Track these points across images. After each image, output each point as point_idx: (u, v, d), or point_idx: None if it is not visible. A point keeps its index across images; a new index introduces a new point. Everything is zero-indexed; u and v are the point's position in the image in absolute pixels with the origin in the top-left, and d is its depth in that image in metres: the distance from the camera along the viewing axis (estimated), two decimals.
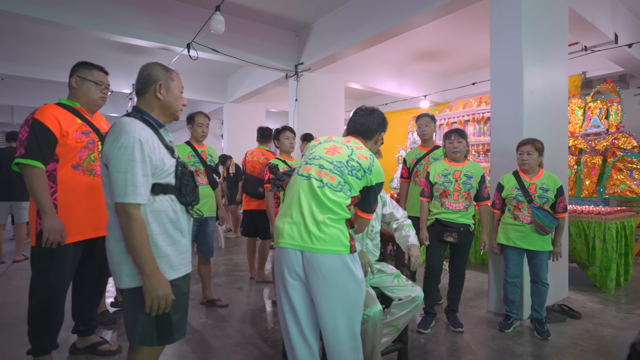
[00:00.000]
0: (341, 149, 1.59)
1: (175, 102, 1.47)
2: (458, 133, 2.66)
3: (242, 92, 7.49)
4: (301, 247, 1.42)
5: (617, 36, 4.41)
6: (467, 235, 2.62)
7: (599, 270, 3.65)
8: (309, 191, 1.49)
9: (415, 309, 1.95)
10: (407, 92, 7.16)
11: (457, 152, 2.63)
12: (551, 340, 2.52)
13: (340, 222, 1.46)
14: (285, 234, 1.46)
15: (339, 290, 1.42)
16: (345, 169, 1.52)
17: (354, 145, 1.63)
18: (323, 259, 1.40)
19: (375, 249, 2.15)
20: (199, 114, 3.06)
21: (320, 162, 1.55)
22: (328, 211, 1.44)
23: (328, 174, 1.51)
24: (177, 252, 1.39)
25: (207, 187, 3.00)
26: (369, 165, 1.55)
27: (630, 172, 4.73)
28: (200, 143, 3.09)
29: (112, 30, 4.13)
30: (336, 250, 1.41)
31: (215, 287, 3.72)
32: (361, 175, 1.54)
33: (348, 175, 1.51)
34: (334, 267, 1.41)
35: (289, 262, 1.45)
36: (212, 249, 3.12)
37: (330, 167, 1.52)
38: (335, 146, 1.61)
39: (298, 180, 1.55)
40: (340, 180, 1.50)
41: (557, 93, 3.27)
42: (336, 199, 1.47)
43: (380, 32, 4.28)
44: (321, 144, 1.65)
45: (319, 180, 1.50)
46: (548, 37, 3.16)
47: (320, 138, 1.72)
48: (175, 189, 1.40)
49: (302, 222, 1.44)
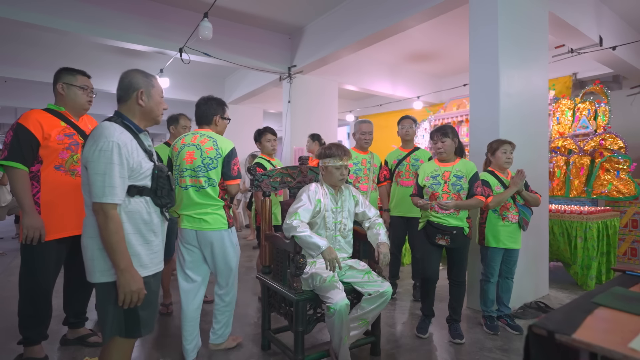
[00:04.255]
0: (194, 153, 2.14)
1: (156, 108, 1.57)
2: (440, 132, 2.52)
3: (240, 93, 7.61)
4: (196, 228, 2.16)
5: (601, 39, 4.47)
6: (461, 239, 2.47)
7: (580, 268, 3.73)
8: (193, 196, 2.14)
9: (384, 304, 2.05)
10: (401, 93, 7.24)
11: (442, 151, 2.52)
12: (522, 334, 2.61)
13: (219, 209, 2.17)
14: (185, 222, 2.18)
15: (222, 250, 2.18)
16: (204, 169, 2.12)
17: (200, 140, 2.17)
18: (211, 234, 2.15)
19: (347, 246, 2.26)
20: (183, 116, 3.13)
21: (188, 172, 2.14)
22: (208, 205, 2.14)
23: (196, 179, 2.13)
24: (149, 252, 1.49)
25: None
26: (215, 152, 2.15)
27: (617, 173, 4.79)
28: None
29: (107, 35, 4.26)
30: (218, 227, 2.15)
31: None
32: (215, 163, 2.14)
33: (209, 172, 2.13)
34: (218, 238, 2.16)
35: (188, 238, 2.19)
36: None
37: (194, 174, 2.13)
38: (189, 152, 2.15)
39: (182, 192, 2.16)
40: (205, 178, 2.13)
41: (537, 96, 3.35)
42: (211, 193, 2.14)
43: (372, 34, 4.34)
44: (180, 154, 2.17)
45: (193, 186, 2.14)
46: (527, 41, 3.24)
47: (179, 142, 2.22)
48: (151, 191, 1.50)
49: (194, 215, 2.14)
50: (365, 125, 3.24)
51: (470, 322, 2.83)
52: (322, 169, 2.20)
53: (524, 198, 2.66)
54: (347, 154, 2.17)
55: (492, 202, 2.59)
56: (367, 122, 3.27)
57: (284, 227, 2.03)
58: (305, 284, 2.05)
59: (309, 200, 2.11)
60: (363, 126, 3.24)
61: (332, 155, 2.15)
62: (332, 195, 2.21)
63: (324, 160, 2.17)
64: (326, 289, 1.94)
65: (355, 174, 3.16)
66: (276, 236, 2.20)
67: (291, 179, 2.49)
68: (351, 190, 2.32)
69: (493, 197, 2.59)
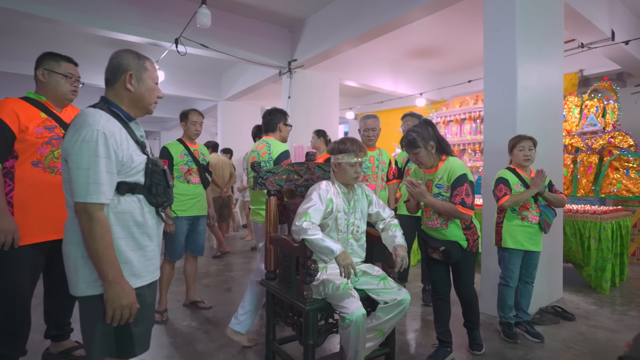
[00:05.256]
0: (254, 158, 2.56)
1: (147, 95, 1.36)
2: (408, 145, 2.15)
3: (237, 89, 7.41)
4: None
5: (613, 33, 4.34)
6: (455, 255, 2.11)
7: (594, 270, 3.59)
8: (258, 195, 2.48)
9: (402, 313, 1.88)
10: (403, 90, 7.08)
11: (420, 163, 2.18)
12: (544, 343, 2.45)
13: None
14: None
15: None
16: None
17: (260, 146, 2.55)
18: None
19: (360, 250, 2.08)
20: (193, 112, 3.02)
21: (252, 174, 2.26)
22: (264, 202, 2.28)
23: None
24: (143, 258, 1.30)
25: (199, 186, 2.97)
26: (268, 156, 2.50)
27: (627, 171, 4.67)
28: (192, 141, 3.04)
29: (100, 25, 4.04)
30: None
31: (204, 288, 3.64)
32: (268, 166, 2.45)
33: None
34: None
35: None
36: (202, 247, 3.07)
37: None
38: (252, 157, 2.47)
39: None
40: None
41: (553, 91, 3.20)
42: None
43: (374, 28, 4.20)
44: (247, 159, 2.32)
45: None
46: (543, 33, 3.09)
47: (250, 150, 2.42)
48: (145, 189, 1.31)
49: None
50: (371, 121, 3.07)
51: (486, 329, 2.66)
52: (335, 165, 2.01)
53: (546, 199, 2.49)
54: (362, 150, 1.99)
55: (508, 201, 2.43)
56: (372, 117, 3.10)
57: (292, 230, 1.85)
58: (315, 291, 1.87)
59: (320, 199, 1.93)
60: (368, 121, 3.07)
61: (346, 151, 1.96)
62: (344, 194, 2.03)
63: (337, 156, 1.98)
64: (340, 298, 1.76)
65: (363, 172, 2.98)
66: (283, 239, 2.01)
67: (298, 176, 2.30)
68: (364, 188, 2.14)
69: (510, 196, 2.43)
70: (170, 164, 2.85)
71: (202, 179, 2.99)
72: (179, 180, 2.88)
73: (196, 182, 2.95)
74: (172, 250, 2.88)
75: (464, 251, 2.13)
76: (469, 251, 2.14)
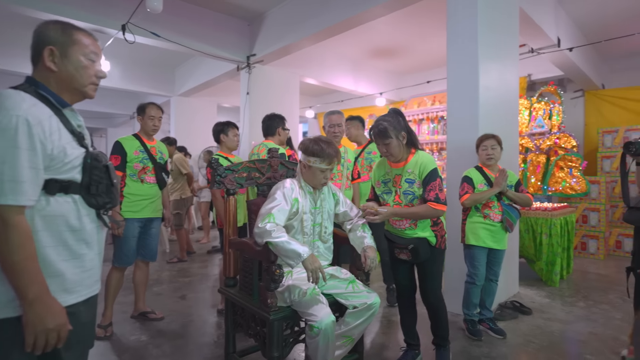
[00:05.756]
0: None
1: (78, 74, 1.12)
2: (379, 134, 1.95)
3: (192, 84, 7.02)
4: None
5: (559, 40, 4.60)
6: (424, 252, 1.96)
7: (545, 264, 3.76)
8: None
9: (372, 317, 1.79)
10: (363, 89, 7.09)
11: (390, 155, 1.98)
12: (506, 339, 2.49)
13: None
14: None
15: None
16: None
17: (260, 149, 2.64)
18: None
19: (327, 252, 1.96)
20: (151, 105, 2.78)
21: None
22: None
23: None
24: (79, 269, 1.09)
25: (154, 186, 2.74)
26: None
27: (570, 170, 4.98)
28: (150, 138, 2.81)
29: (35, 5, 3.59)
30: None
31: (155, 296, 3.36)
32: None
33: None
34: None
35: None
36: (155, 252, 2.82)
37: None
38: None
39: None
40: None
41: (510, 91, 3.30)
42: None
43: (335, 24, 4.12)
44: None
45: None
46: (502, 35, 3.17)
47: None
48: (82, 188, 1.10)
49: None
50: (336, 117, 2.98)
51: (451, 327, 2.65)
52: (304, 166, 1.87)
53: (510, 198, 2.53)
54: (338, 156, 1.85)
55: (468, 200, 2.46)
56: (337, 113, 3.01)
57: (255, 232, 1.69)
58: (280, 298, 1.72)
59: (284, 199, 1.79)
60: (333, 117, 2.97)
61: (321, 155, 1.80)
62: (310, 194, 1.90)
63: (310, 158, 1.83)
64: (308, 305, 1.64)
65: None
66: (244, 242, 1.85)
67: (259, 174, 2.14)
68: (330, 187, 2.03)
69: (471, 194, 2.45)
70: (124, 160, 2.60)
71: (158, 178, 2.76)
72: (132, 179, 2.62)
73: (151, 181, 2.70)
74: (122, 255, 2.61)
75: (432, 248, 1.99)
76: (437, 248, 2.01)
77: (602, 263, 4.73)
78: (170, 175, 5.02)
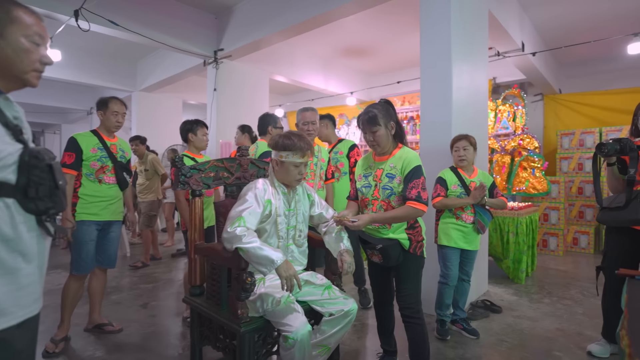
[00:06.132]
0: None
1: (17, 58, 0.96)
2: (368, 121, 1.82)
3: (155, 79, 6.67)
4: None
5: (523, 44, 4.75)
6: (394, 256, 1.80)
7: (512, 262, 3.85)
8: None
9: (349, 325, 1.70)
10: (333, 89, 7.04)
11: (376, 145, 1.86)
12: (479, 339, 2.49)
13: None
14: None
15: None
16: None
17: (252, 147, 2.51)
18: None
19: (302, 257, 1.85)
20: (114, 100, 2.57)
21: None
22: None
23: None
24: (12, 287, 0.92)
25: (113, 186, 2.53)
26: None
27: (533, 171, 5.16)
28: (111, 135, 2.59)
29: None
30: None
31: (113, 305, 3.11)
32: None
33: None
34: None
35: None
36: (114, 258, 2.60)
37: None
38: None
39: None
40: None
41: (480, 92, 3.33)
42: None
43: (306, 20, 4.01)
44: None
45: None
46: (473, 36, 3.20)
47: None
48: (18, 190, 0.93)
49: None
50: (310, 113, 2.86)
51: None
52: (276, 163, 1.75)
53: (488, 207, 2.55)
54: (310, 149, 1.75)
55: (438, 203, 2.47)
56: (311, 110, 2.88)
57: (224, 237, 1.56)
58: (252, 308, 1.60)
59: (256, 200, 1.66)
60: (307, 114, 2.85)
61: (292, 149, 1.69)
62: (284, 194, 1.79)
63: (281, 153, 1.72)
64: (282, 314, 1.52)
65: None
66: (212, 248, 1.70)
67: (228, 174, 2.00)
68: (305, 188, 1.93)
69: (442, 199, 2.45)
70: (79, 158, 2.38)
71: (119, 179, 2.54)
72: (89, 179, 2.41)
73: (110, 182, 2.49)
74: (80, 262, 2.39)
75: (405, 252, 1.82)
76: (411, 253, 1.83)
77: (561, 259, 4.94)
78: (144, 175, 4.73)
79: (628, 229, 1.79)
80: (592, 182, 5.59)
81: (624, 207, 1.73)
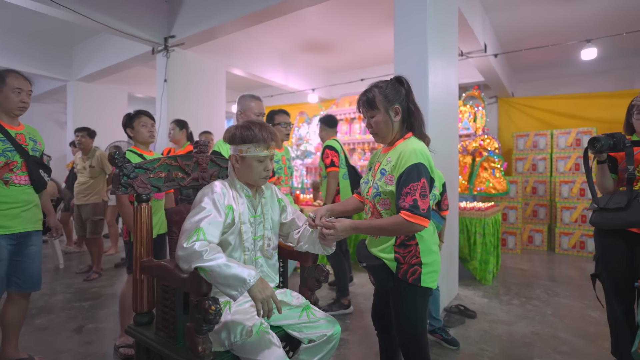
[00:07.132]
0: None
1: None
2: (363, 104, 1.49)
3: (95, 67, 5.96)
4: None
5: (486, 46, 4.79)
6: (381, 277, 1.47)
7: (479, 263, 3.82)
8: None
9: (332, 351, 1.44)
10: (294, 85, 6.75)
11: (375, 133, 1.50)
12: (459, 349, 2.35)
13: None
14: None
15: None
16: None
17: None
18: None
19: (273, 272, 1.56)
20: (13, 74, 2.02)
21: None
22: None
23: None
24: None
25: (27, 188, 2.04)
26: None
27: (493, 171, 5.25)
28: (15, 121, 2.07)
29: None
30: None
31: (37, 332, 2.59)
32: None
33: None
34: None
35: None
36: (37, 279, 2.10)
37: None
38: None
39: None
40: None
41: (451, 89, 3.24)
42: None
43: (264, 8, 3.70)
44: None
45: None
46: (446, 33, 3.08)
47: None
48: None
49: None
50: (261, 104, 2.50)
51: None
52: (236, 159, 1.44)
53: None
54: (275, 139, 1.46)
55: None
56: (260, 99, 2.54)
57: (179, 255, 1.23)
58: (215, 341, 1.28)
59: (215, 207, 1.35)
60: (260, 104, 2.42)
61: (254, 140, 1.40)
62: (248, 198, 1.48)
63: (241, 146, 1.42)
64: (254, 348, 1.23)
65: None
66: (163, 267, 1.36)
67: (183, 174, 1.66)
68: (274, 190, 1.64)
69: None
70: None
71: (34, 178, 2.05)
72: None
73: (22, 182, 2.00)
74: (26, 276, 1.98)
75: (394, 277, 1.43)
76: (400, 279, 1.41)
77: (519, 257, 5.05)
78: (88, 173, 4.08)
79: (622, 231, 1.71)
80: (544, 182, 5.87)
81: (626, 207, 1.63)
